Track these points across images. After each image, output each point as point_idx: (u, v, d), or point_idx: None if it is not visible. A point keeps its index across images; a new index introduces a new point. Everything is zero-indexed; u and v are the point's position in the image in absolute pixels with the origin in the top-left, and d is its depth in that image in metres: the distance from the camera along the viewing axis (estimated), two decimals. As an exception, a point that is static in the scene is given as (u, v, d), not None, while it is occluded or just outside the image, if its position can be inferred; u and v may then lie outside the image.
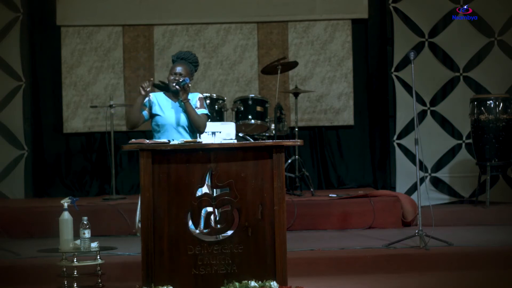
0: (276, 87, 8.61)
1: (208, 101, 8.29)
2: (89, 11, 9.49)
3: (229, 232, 5.04)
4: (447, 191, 9.24)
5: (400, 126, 9.34)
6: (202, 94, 6.08)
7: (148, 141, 5.14)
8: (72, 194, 8.78)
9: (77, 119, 9.54)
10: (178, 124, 5.77)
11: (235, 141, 6.12)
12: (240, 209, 5.01)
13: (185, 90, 5.73)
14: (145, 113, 5.80)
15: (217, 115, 8.37)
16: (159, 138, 5.70)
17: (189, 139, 5.70)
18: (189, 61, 5.85)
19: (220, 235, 5.10)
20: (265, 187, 5.02)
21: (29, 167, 9.34)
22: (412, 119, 8.79)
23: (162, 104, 5.82)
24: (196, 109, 5.80)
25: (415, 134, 6.78)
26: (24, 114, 9.29)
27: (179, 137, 5.68)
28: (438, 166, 9.30)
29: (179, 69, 5.80)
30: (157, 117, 5.81)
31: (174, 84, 5.76)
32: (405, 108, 9.20)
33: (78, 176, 9.56)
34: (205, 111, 5.86)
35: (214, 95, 8.51)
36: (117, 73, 9.59)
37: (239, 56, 9.54)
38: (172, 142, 5.18)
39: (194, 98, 5.88)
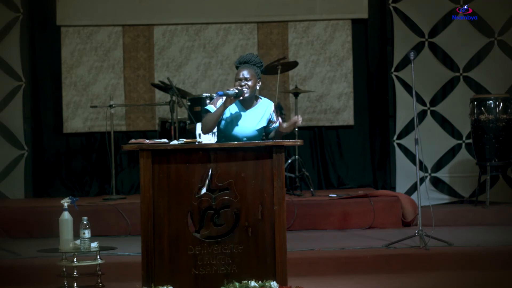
0: (276, 87, 8.61)
1: (208, 101, 8.28)
2: (89, 11, 9.49)
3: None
4: (447, 191, 9.24)
5: (400, 126, 9.34)
6: (215, 94, 5.64)
7: (148, 141, 5.13)
8: (72, 194, 8.79)
9: (77, 119, 9.54)
10: (244, 138, 5.51)
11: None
12: (240, 209, 5.01)
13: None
14: None
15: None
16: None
17: None
18: (253, 63, 5.51)
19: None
20: (265, 187, 5.02)
21: (29, 167, 9.35)
22: (412, 119, 8.79)
23: (232, 111, 5.54)
24: (273, 124, 5.58)
25: (415, 134, 6.78)
26: (24, 114, 9.29)
27: None
28: (438, 166, 9.30)
29: (243, 73, 5.46)
30: (223, 123, 5.53)
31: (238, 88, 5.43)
32: (405, 108, 9.20)
33: (78, 176, 9.56)
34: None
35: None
36: (117, 73, 9.59)
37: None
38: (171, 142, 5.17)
39: (269, 109, 5.59)
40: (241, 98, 5.45)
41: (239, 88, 5.44)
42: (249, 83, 5.46)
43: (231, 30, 9.62)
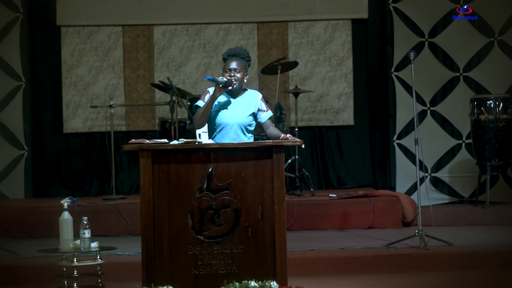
0: (276, 87, 8.61)
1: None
2: (89, 11, 9.49)
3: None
4: (447, 191, 9.24)
5: (400, 126, 9.34)
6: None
7: (148, 141, 5.13)
8: (72, 194, 8.79)
9: (77, 119, 9.54)
10: (236, 123, 5.54)
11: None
12: (240, 209, 5.01)
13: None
14: None
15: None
16: (215, 137, 5.52)
17: (246, 140, 5.51)
18: (241, 56, 5.58)
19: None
20: (265, 187, 5.02)
21: (29, 167, 9.35)
22: (412, 119, 8.78)
23: (221, 101, 5.57)
24: (263, 113, 5.60)
25: (415, 134, 6.79)
26: (24, 114, 9.29)
27: (236, 138, 5.49)
28: (438, 166, 9.30)
29: (233, 64, 5.52)
30: (214, 115, 5.56)
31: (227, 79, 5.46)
32: (405, 108, 9.20)
33: (78, 176, 9.56)
34: (271, 113, 5.65)
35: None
36: (117, 73, 9.59)
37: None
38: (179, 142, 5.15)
39: (256, 97, 5.63)
40: (230, 88, 5.49)
41: (228, 78, 5.49)
42: (238, 75, 5.53)
43: (231, 30, 9.62)
